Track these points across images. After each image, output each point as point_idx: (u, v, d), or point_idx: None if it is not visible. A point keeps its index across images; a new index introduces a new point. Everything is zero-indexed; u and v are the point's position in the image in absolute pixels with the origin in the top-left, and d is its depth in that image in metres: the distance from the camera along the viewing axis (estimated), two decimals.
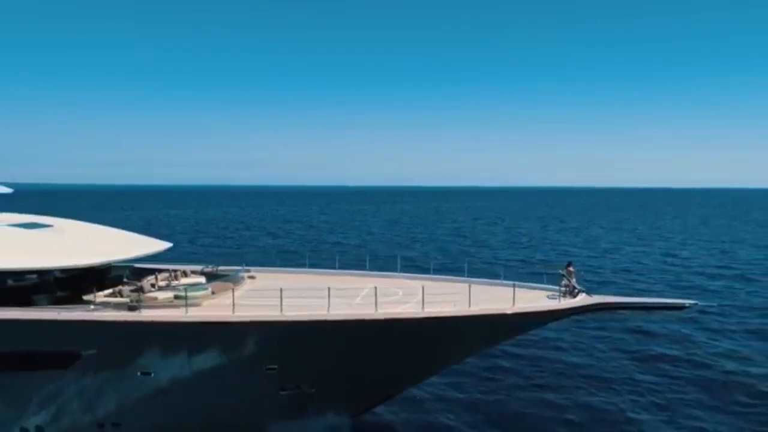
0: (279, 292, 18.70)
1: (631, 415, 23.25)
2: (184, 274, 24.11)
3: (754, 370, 28.18)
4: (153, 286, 21.51)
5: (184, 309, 18.80)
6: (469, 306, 19.13)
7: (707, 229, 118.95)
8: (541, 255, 72.59)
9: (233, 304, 18.60)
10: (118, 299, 20.14)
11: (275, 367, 19.32)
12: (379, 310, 18.77)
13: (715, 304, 20.27)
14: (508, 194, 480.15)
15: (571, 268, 21.06)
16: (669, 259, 69.03)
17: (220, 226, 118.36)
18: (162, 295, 20.15)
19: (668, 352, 31.19)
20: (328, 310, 18.61)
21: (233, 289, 20.03)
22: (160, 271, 23.92)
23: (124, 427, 19.73)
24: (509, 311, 19.16)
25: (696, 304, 21.83)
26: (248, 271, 25.09)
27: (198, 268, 25.43)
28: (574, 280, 20.59)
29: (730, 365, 28.76)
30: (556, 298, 20.51)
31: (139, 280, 22.55)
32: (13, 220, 23.94)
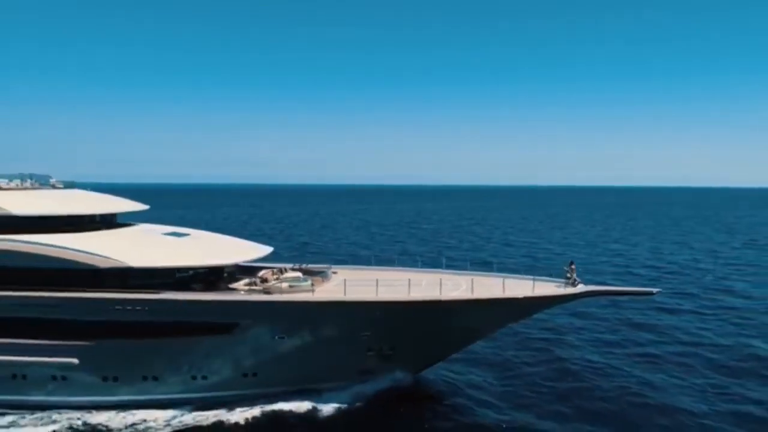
0: (359, 282, 27.28)
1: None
2: (285, 270, 32.32)
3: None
4: (269, 279, 29.89)
5: (310, 293, 27.16)
6: (504, 292, 27.67)
7: (672, 229, 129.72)
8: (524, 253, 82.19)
9: (345, 290, 26.96)
10: (255, 287, 28.53)
11: (368, 333, 27.63)
12: (443, 295, 27.23)
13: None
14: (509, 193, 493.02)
15: (573, 266, 29.57)
16: (615, 259, 78.91)
17: (265, 227, 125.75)
18: (282, 285, 28.47)
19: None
20: (409, 293, 27.02)
21: (345, 280, 28.06)
22: (265, 268, 32.11)
23: (260, 376, 27.90)
24: (529, 295, 27.67)
25: (660, 291, 30.66)
26: (330, 267, 33.28)
27: (289, 265, 33.59)
28: (574, 274, 29.12)
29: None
30: (562, 287, 29.05)
31: (252, 275, 30.87)
32: (161, 230, 32.15)
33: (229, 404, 27.52)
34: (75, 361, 26.95)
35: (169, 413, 27.19)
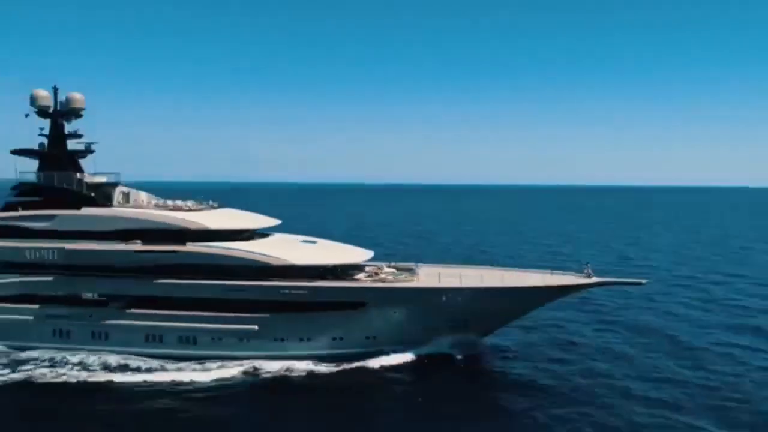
0: (444, 275, 40.66)
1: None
2: (382, 267, 45.24)
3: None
4: (378, 273, 43.09)
5: (414, 281, 40.37)
6: (543, 282, 40.92)
7: (631, 231, 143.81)
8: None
9: (439, 279, 40.14)
10: (375, 277, 41.70)
11: (452, 309, 40.60)
12: (505, 283, 40.47)
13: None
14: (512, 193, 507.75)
15: (588, 264, 42.89)
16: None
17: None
18: (388, 278, 41.68)
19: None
20: (482, 282, 40.27)
21: (439, 273, 41.53)
22: (367, 266, 44.98)
23: (378, 338, 40.82)
24: (561, 284, 40.93)
25: (648, 281, 44.14)
26: (416, 265, 46.28)
27: (384, 264, 46.51)
28: (590, 270, 42.37)
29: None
30: (581, 279, 42.24)
31: (362, 271, 43.76)
32: (296, 239, 45.22)
33: (357, 357, 40.34)
34: (255, 327, 39.92)
35: (316, 365, 39.88)
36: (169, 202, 46.64)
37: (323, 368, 39.29)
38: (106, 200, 44.60)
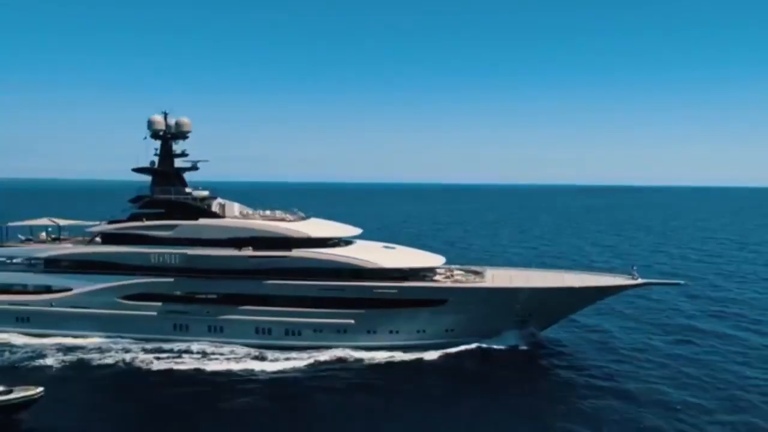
0: (512, 276, 47.26)
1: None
2: (452, 270, 51.77)
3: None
4: (454, 275, 49.67)
5: (488, 282, 47.02)
6: (596, 282, 47.57)
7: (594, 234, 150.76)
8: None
9: (510, 280, 46.75)
10: (451, 278, 48.35)
11: (518, 306, 47.22)
12: (564, 284, 47.09)
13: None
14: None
15: (634, 267, 49.45)
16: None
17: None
18: (463, 279, 48.30)
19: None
20: (545, 283, 46.90)
21: (510, 276, 48.18)
22: (438, 268, 51.53)
23: (456, 331, 47.28)
24: (613, 284, 47.58)
25: (686, 283, 50.94)
26: (484, 268, 52.77)
27: (454, 266, 52.98)
28: (636, 273, 48.94)
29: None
30: (629, 280, 48.78)
31: (436, 273, 50.33)
32: (377, 246, 51.79)
33: (436, 347, 46.75)
34: (352, 321, 46.56)
35: (401, 354, 46.31)
36: (260, 212, 53.15)
37: (407, 356, 45.88)
38: None
